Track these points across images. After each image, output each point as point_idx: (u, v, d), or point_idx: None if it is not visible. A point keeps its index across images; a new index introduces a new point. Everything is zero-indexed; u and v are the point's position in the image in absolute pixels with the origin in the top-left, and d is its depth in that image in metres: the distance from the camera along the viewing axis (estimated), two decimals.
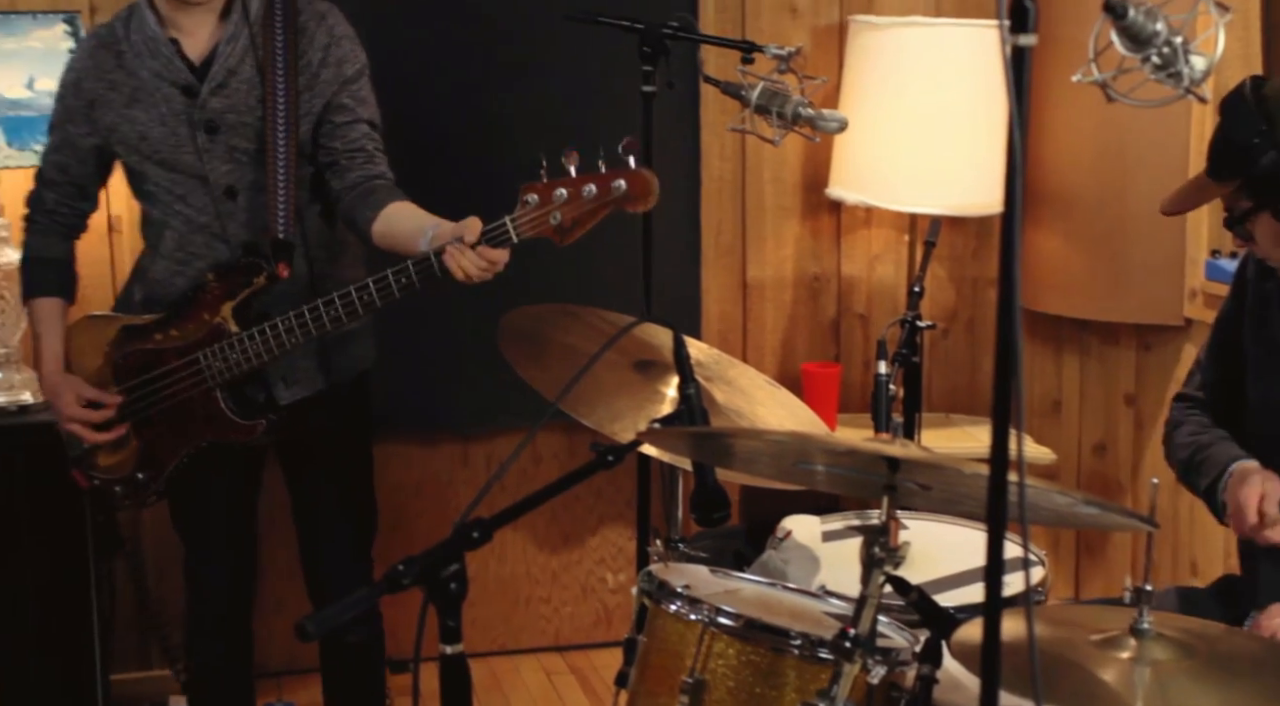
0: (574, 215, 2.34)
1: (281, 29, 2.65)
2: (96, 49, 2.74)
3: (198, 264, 2.72)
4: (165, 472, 2.79)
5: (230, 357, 2.66)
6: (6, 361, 3.36)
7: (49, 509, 3.29)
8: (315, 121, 2.70)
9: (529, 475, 3.91)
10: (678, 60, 3.07)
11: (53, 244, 2.87)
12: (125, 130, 2.71)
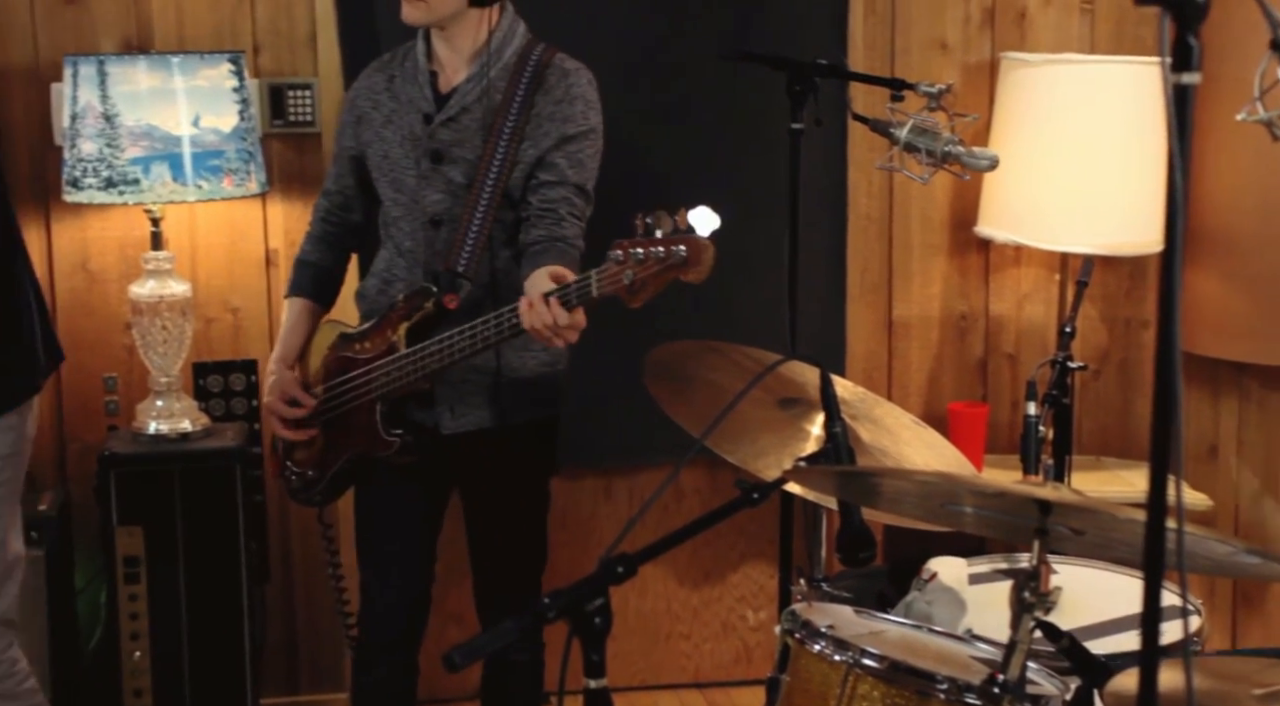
0: (643, 276, 2.37)
1: (527, 79, 2.75)
2: (375, 71, 2.91)
3: (398, 285, 2.83)
4: (328, 475, 2.91)
5: (391, 374, 2.76)
6: (168, 390, 3.46)
7: (204, 535, 3.37)
8: (529, 171, 2.76)
9: (671, 510, 3.91)
10: (826, 97, 3.07)
11: (319, 249, 3.02)
12: (376, 147, 2.86)
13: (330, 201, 3.02)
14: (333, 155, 3.03)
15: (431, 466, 2.87)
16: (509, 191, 2.77)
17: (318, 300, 3.02)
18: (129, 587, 3.34)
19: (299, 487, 2.99)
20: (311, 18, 3.64)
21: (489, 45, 2.79)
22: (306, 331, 2.98)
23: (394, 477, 2.88)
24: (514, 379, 2.80)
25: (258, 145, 3.47)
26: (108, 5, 3.58)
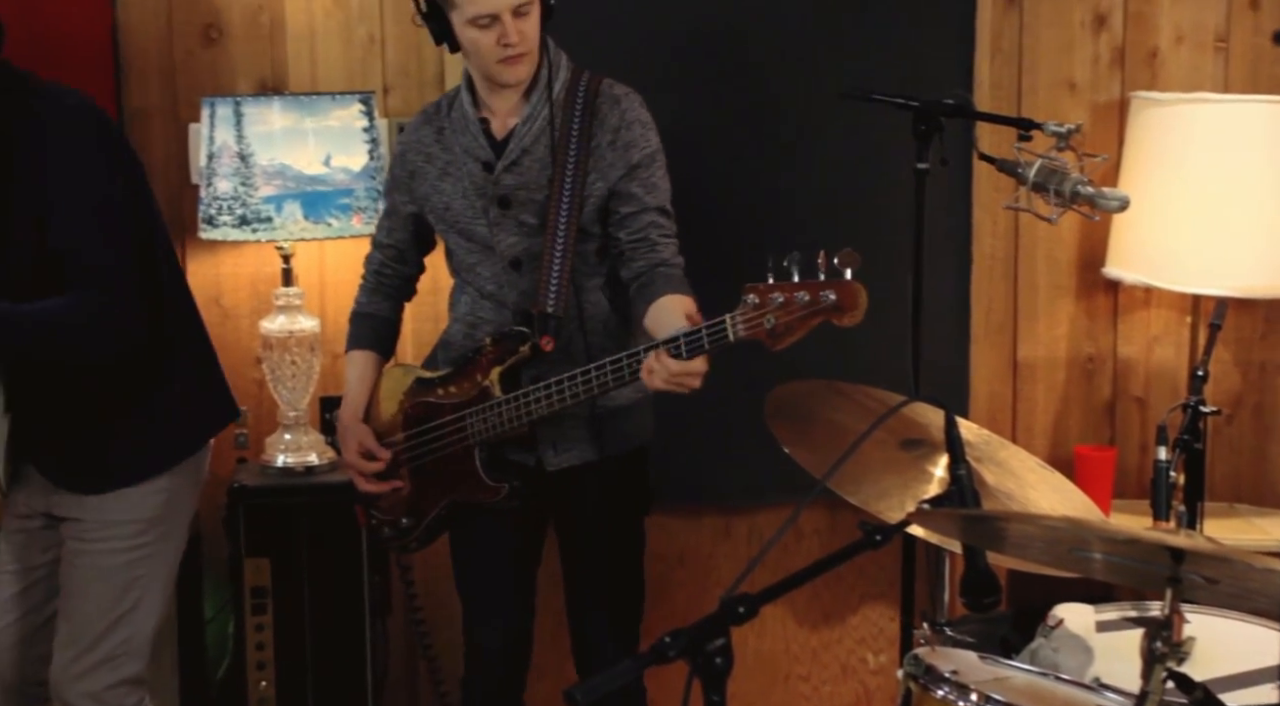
0: (786, 321, 2.34)
1: (580, 111, 2.75)
2: (422, 125, 2.92)
3: (484, 328, 2.84)
4: (424, 521, 2.91)
5: (489, 420, 2.76)
6: (295, 424, 3.52)
7: (329, 567, 3.42)
8: (600, 203, 2.77)
9: (790, 550, 3.88)
10: (951, 136, 3.05)
11: (376, 301, 3.05)
12: (435, 201, 2.87)
13: (384, 254, 3.04)
14: (385, 210, 3.05)
15: (530, 504, 2.87)
16: (583, 226, 2.77)
17: (379, 351, 3.04)
18: (256, 618, 3.40)
19: (392, 536, 2.97)
20: (440, 59, 3.70)
21: (540, 83, 2.78)
22: (372, 383, 3.00)
23: (490, 519, 2.87)
24: (611, 410, 2.80)
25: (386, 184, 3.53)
26: (245, 48, 3.67)
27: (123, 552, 2.77)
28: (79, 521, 2.77)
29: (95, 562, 2.76)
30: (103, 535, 2.76)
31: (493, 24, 2.69)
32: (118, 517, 2.77)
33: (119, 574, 2.77)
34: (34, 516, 2.85)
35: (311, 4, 3.68)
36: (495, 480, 2.79)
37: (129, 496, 2.77)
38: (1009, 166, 2.93)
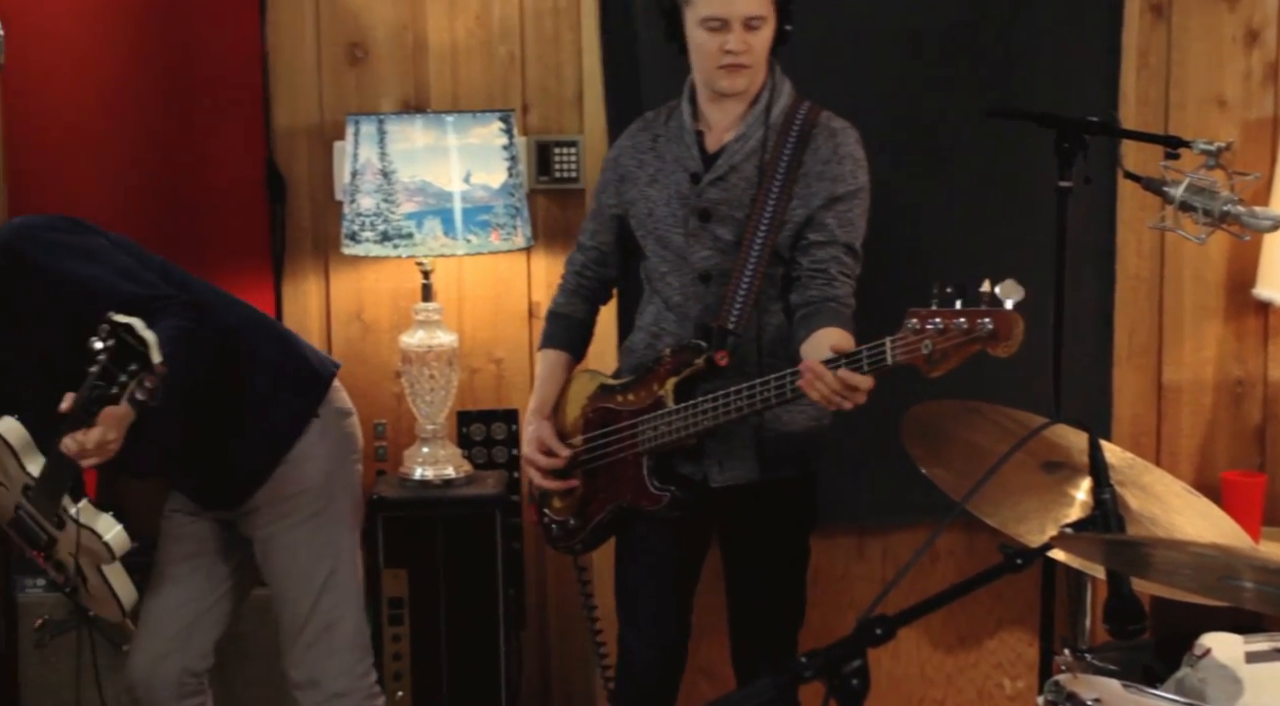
0: (943, 347, 2.34)
1: (795, 137, 2.77)
2: (639, 130, 2.97)
3: (666, 339, 2.87)
4: (590, 524, 2.94)
5: (659, 428, 2.78)
6: (433, 437, 3.57)
7: (465, 579, 3.46)
8: (797, 230, 2.78)
9: (926, 571, 3.84)
10: (1095, 154, 2.99)
11: (573, 302, 3.08)
12: (640, 206, 2.90)
13: (586, 256, 3.08)
14: (591, 211, 3.08)
15: (694, 519, 2.88)
16: (777, 249, 2.77)
17: (571, 352, 3.08)
18: (393, 628, 3.44)
19: (559, 535, 3.03)
20: (579, 78, 3.73)
21: (759, 104, 2.80)
22: (561, 383, 3.03)
23: (655, 529, 2.90)
24: (781, 433, 2.80)
25: (524, 201, 3.57)
26: (389, 67, 3.74)
27: (304, 523, 2.89)
28: (255, 511, 2.88)
29: (284, 541, 2.89)
30: (281, 513, 2.87)
31: (721, 29, 2.72)
32: (286, 492, 2.87)
33: (308, 543, 2.89)
34: (192, 519, 2.94)
35: (454, 23, 3.73)
36: (659, 489, 2.81)
37: (285, 474, 2.87)
38: (1155, 185, 2.87)
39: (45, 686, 3.46)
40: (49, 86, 3.56)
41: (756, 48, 2.74)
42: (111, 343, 2.25)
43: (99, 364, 2.25)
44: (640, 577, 2.97)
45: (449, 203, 3.43)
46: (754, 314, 2.78)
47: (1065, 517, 2.35)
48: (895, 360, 2.39)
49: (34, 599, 3.46)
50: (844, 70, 3.62)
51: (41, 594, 3.46)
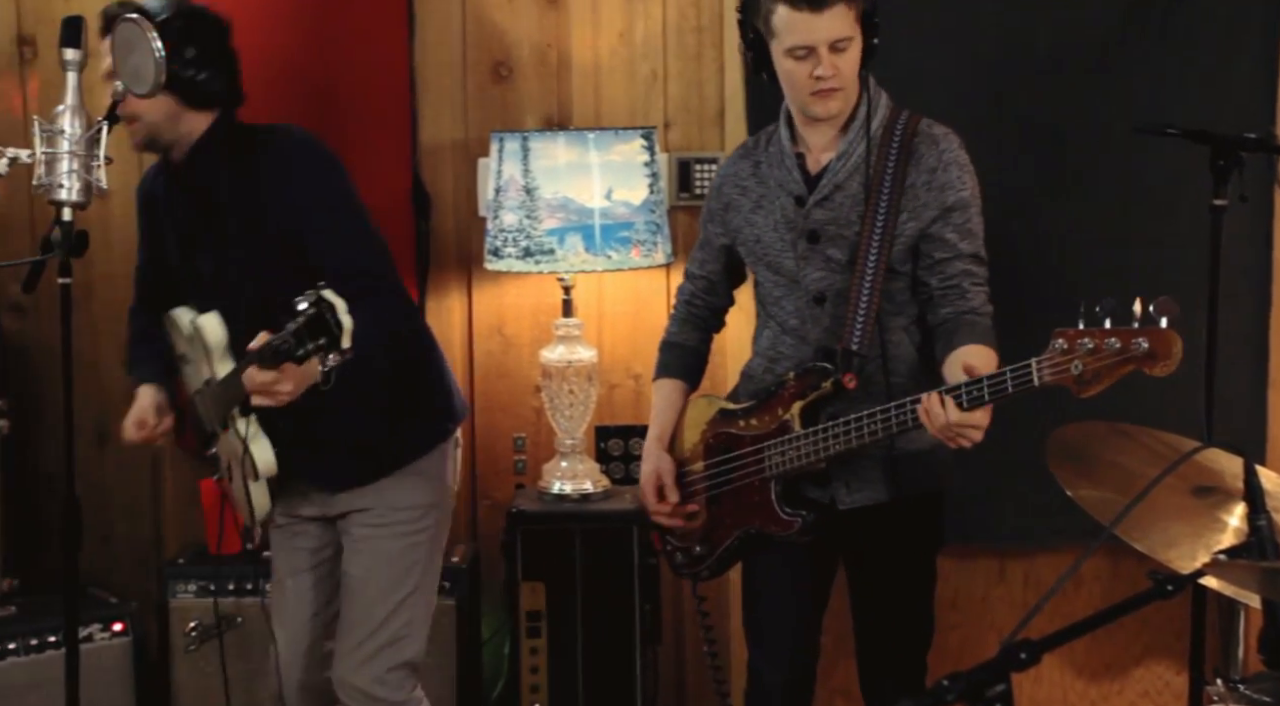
0: (1095, 367, 2.29)
1: (896, 149, 2.73)
2: (740, 158, 2.95)
3: (784, 363, 2.85)
4: (717, 551, 2.92)
5: (787, 454, 2.76)
6: (572, 452, 3.59)
7: (602, 594, 3.48)
8: (910, 243, 2.75)
9: (1069, 596, 3.76)
10: (1252, 171, 2.92)
11: (685, 331, 3.08)
12: (747, 233, 2.89)
13: (695, 285, 3.06)
14: (699, 241, 3.06)
15: (821, 540, 2.86)
16: (892, 264, 2.74)
17: (687, 380, 3.06)
18: (531, 641, 3.47)
19: (684, 563, 3.00)
20: (720, 95, 3.74)
21: (856, 120, 2.76)
22: (678, 411, 3.01)
23: (782, 552, 2.86)
24: (909, 452, 2.76)
25: (665, 217, 3.58)
26: (533, 84, 3.78)
27: (405, 536, 2.92)
28: (364, 510, 2.92)
29: (380, 547, 2.92)
30: (388, 520, 2.91)
31: (808, 56, 2.69)
32: (400, 503, 2.92)
33: (401, 558, 2.92)
34: (301, 522, 3.01)
35: (597, 41, 3.77)
36: (789, 514, 2.79)
37: (405, 482, 2.92)
38: None
39: (195, 689, 3.56)
40: None
41: (845, 69, 2.70)
42: (312, 312, 2.30)
43: (295, 324, 2.32)
44: (768, 600, 2.94)
45: (590, 219, 3.46)
46: (876, 333, 2.74)
47: (1217, 544, 2.29)
48: (1043, 381, 2.35)
49: (185, 603, 3.56)
50: (987, 88, 3.58)
51: (192, 599, 3.56)
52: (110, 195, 3.05)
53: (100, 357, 3.91)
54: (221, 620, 3.54)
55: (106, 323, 3.90)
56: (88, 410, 3.83)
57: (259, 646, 3.50)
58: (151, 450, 3.95)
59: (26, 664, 3.40)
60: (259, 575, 3.55)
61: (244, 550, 3.66)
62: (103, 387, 3.91)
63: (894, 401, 2.61)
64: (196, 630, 3.55)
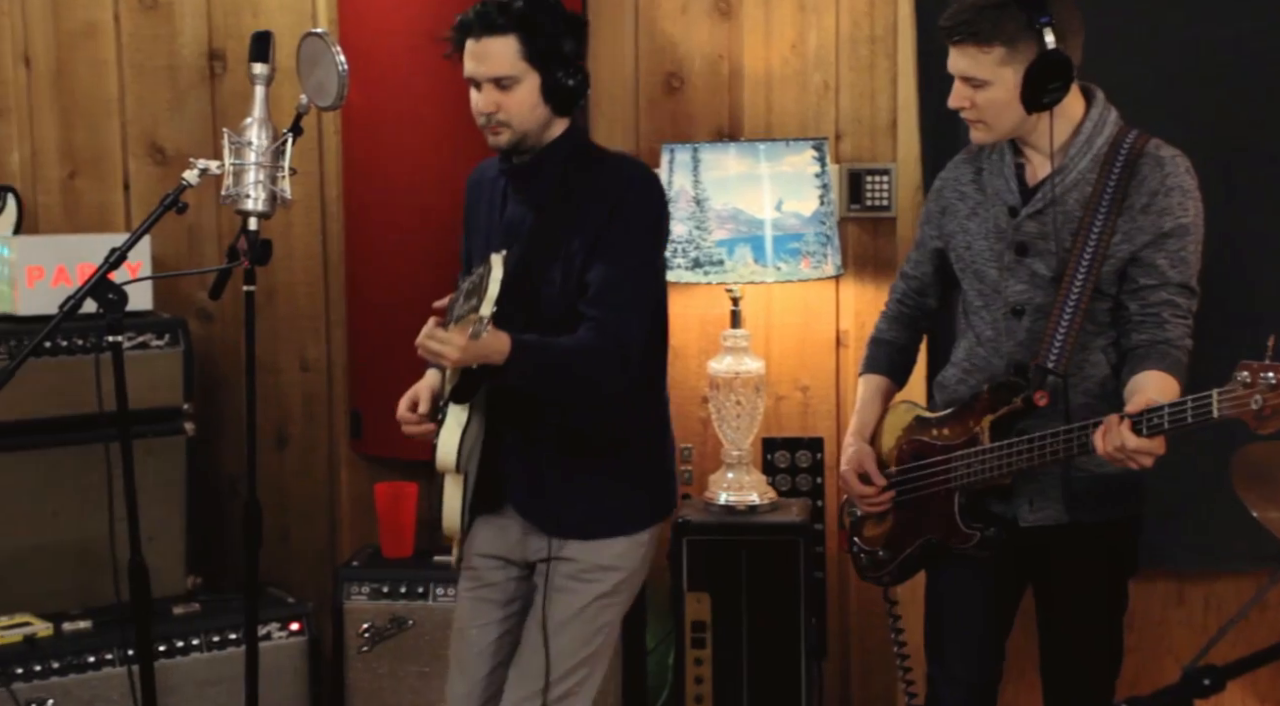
0: (1275, 403, 2.24)
1: (1119, 169, 2.68)
2: (962, 162, 2.93)
3: (977, 375, 2.82)
4: (899, 557, 2.91)
5: (973, 466, 2.74)
6: (738, 463, 3.59)
7: (767, 606, 3.46)
8: (1120, 265, 2.69)
9: (1252, 621, 3.64)
10: None
11: (894, 328, 3.07)
12: (959, 239, 2.87)
13: (907, 284, 3.05)
14: (915, 241, 3.05)
15: (1006, 559, 2.81)
16: (1100, 285, 2.69)
17: (891, 378, 3.05)
18: (695, 652, 3.47)
19: (867, 565, 3.01)
20: (893, 106, 3.71)
21: (1081, 135, 2.72)
22: (880, 408, 3.01)
23: (967, 568, 2.84)
24: (1093, 475, 2.71)
25: (835, 229, 3.56)
26: (704, 96, 3.80)
27: (604, 597, 2.84)
28: (572, 561, 2.82)
29: (576, 603, 2.82)
30: (593, 578, 2.82)
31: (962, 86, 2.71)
32: (610, 563, 2.83)
33: (594, 618, 2.84)
34: (499, 566, 2.90)
35: (769, 52, 3.77)
36: (969, 527, 2.76)
37: (621, 545, 2.83)
38: None
39: (368, 689, 3.64)
40: (384, 124, 3.74)
41: (980, 102, 2.67)
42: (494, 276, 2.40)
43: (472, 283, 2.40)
44: (950, 615, 2.91)
45: (760, 230, 3.46)
46: (1074, 352, 2.69)
47: None
48: (1221, 414, 2.30)
49: (359, 605, 3.64)
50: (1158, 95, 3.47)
51: (366, 601, 3.63)
52: (293, 205, 3.13)
53: (280, 363, 4.03)
54: (393, 622, 3.61)
55: (287, 329, 4.03)
56: (268, 414, 3.95)
57: (430, 649, 3.57)
58: (328, 454, 4.06)
59: (208, 660, 3.51)
60: (430, 579, 3.62)
61: (416, 554, 3.74)
62: (282, 393, 4.04)
63: (1079, 422, 2.57)
64: (370, 631, 3.63)
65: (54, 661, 3.35)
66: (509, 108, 2.68)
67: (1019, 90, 2.63)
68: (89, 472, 3.24)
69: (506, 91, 2.67)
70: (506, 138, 2.71)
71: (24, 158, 3.82)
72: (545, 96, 2.68)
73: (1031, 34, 2.61)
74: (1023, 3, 2.62)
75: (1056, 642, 2.86)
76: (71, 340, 3.49)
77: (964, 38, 2.65)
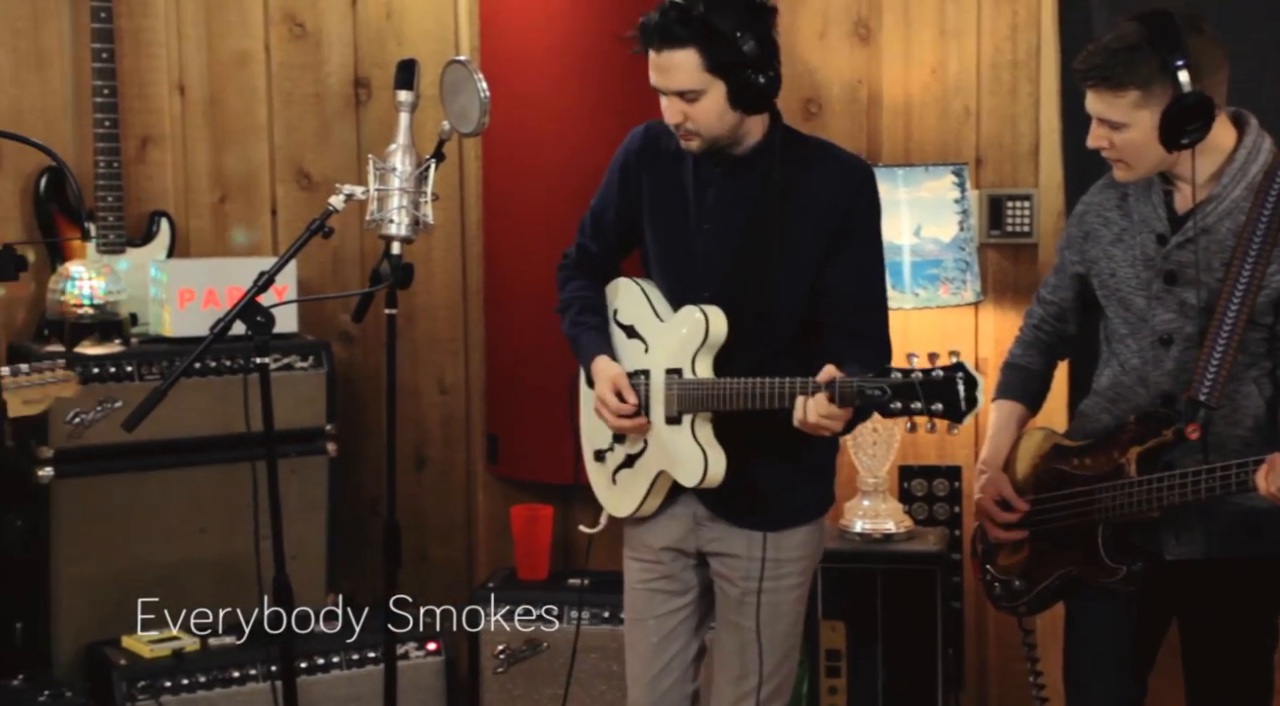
0: None
1: (1275, 197, 2.62)
2: (1106, 187, 2.87)
3: (1122, 405, 2.77)
4: (1037, 588, 2.85)
5: (1119, 499, 2.68)
6: (874, 491, 3.56)
7: (903, 636, 3.43)
8: (1275, 296, 2.63)
9: None
10: None
11: (1029, 354, 3.01)
12: (1103, 265, 2.82)
13: (1045, 310, 2.99)
14: (1054, 266, 3.00)
15: (1150, 592, 2.75)
16: (1254, 317, 2.62)
17: (1026, 404, 2.99)
18: (830, 680, 3.45)
19: (1002, 595, 2.95)
20: (1035, 131, 3.67)
21: (1234, 162, 2.65)
22: (1014, 434, 2.95)
23: (1109, 601, 2.77)
24: (1244, 509, 2.63)
25: (974, 255, 3.52)
26: (842, 121, 3.78)
27: (796, 588, 2.84)
28: (751, 559, 2.79)
29: (777, 599, 2.81)
30: (784, 572, 2.81)
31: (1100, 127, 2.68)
32: (793, 554, 2.82)
33: (793, 609, 2.85)
34: (674, 557, 2.88)
35: (909, 77, 3.74)
36: (1115, 560, 2.70)
37: (803, 533, 2.84)
38: None
39: None
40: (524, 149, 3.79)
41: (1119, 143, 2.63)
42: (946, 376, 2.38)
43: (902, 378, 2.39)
44: (1092, 649, 2.84)
45: (898, 256, 3.43)
46: (1226, 383, 2.62)
47: None
48: None
49: (495, 627, 3.66)
50: None
51: (501, 623, 3.66)
52: (434, 229, 3.18)
53: (420, 386, 4.09)
54: (528, 645, 3.64)
55: (427, 352, 4.09)
56: (407, 436, 4.00)
57: (564, 672, 3.58)
58: (465, 476, 4.11)
59: (348, 677, 3.56)
60: (565, 603, 3.63)
61: (551, 577, 3.76)
62: (421, 415, 4.09)
63: (1237, 457, 2.51)
64: (505, 653, 3.65)
65: (201, 676, 3.42)
66: (697, 117, 2.66)
67: (1157, 132, 2.59)
68: (236, 491, 3.31)
69: (693, 103, 2.65)
70: (698, 144, 2.70)
71: (177, 183, 3.93)
72: (733, 103, 2.65)
73: (1166, 76, 2.55)
74: (1157, 44, 2.56)
75: (1203, 679, 2.79)
76: (220, 361, 3.57)
77: (1097, 82, 2.61)
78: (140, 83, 3.84)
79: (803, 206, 2.69)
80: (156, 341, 3.65)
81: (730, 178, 2.74)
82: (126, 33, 3.79)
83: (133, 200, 3.80)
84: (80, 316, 3.56)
